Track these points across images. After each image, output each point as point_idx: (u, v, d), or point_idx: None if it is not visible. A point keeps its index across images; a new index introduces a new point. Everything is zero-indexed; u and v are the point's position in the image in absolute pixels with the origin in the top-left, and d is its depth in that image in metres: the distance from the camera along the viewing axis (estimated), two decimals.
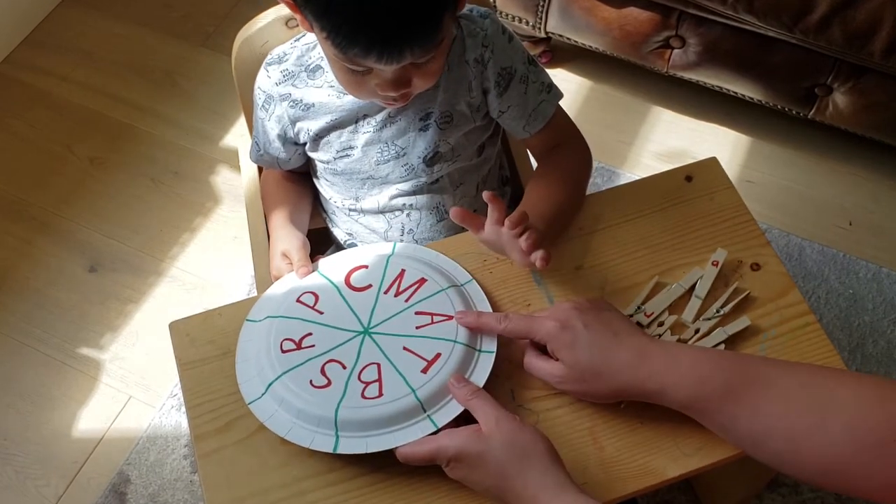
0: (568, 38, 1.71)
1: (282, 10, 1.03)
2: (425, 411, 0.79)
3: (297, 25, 1.03)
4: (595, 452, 0.81)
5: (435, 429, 0.78)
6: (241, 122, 1.72)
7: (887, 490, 0.67)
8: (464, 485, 0.76)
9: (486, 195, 0.83)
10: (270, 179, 1.09)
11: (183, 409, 1.33)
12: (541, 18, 1.68)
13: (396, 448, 0.77)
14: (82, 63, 1.89)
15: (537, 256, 0.82)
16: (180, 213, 1.67)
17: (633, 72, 1.78)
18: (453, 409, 0.79)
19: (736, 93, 1.65)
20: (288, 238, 0.97)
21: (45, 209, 1.68)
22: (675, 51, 1.61)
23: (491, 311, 0.87)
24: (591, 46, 1.70)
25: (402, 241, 1.04)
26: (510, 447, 0.73)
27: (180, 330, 0.89)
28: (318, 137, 0.99)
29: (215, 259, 1.61)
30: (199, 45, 1.92)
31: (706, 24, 1.54)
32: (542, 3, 1.65)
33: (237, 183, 1.68)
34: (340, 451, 0.78)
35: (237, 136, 1.75)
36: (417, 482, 0.79)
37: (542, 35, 1.73)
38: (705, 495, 1.29)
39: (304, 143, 1.01)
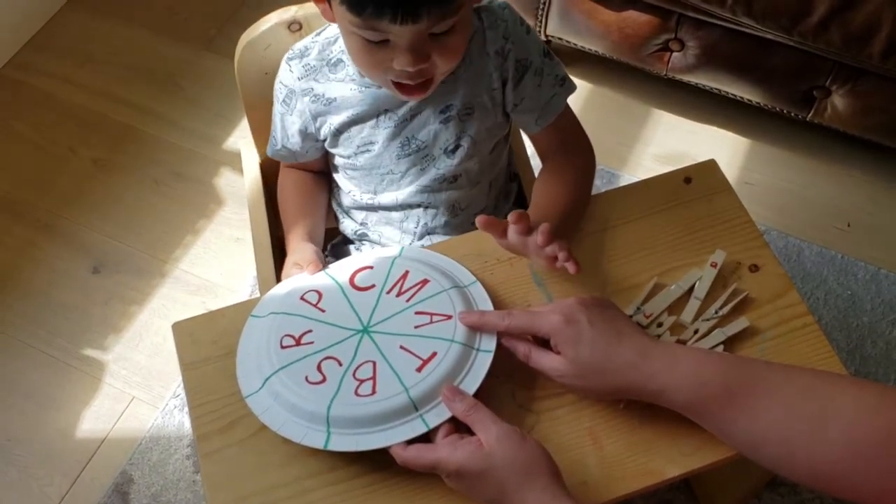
0: (568, 41, 1.71)
1: (284, 14, 1.04)
2: (417, 410, 0.79)
3: (300, 29, 1.04)
4: (595, 452, 0.81)
5: (426, 429, 0.78)
6: (244, 125, 1.73)
7: (881, 497, 0.67)
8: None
9: (511, 215, 0.84)
10: (289, 186, 1.08)
11: (185, 409, 1.34)
12: (540, 21, 1.69)
13: (397, 452, 0.77)
14: (86, 65, 1.90)
15: (568, 264, 0.83)
16: (183, 215, 1.67)
17: (632, 75, 1.78)
18: (446, 411, 0.79)
19: (735, 95, 1.66)
20: (302, 252, 0.97)
21: (48, 211, 1.68)
22: (675, 54, 1.62)
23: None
24: (590, 49, 1.70)
25: (415, 231, 1.04)
26: (511, 465, 0.73)
27: (183, 330, 0.90)
28: (339, 133, 0.99)
29: (218, 260, 1.62)
30: (202, 48, 1.93)
31: (705, 26, 1.54)
32: (541, 6, 1.66)
33: (240, 185, 1.69)
34: (331, 447, 0.78)
35: (240, 139, 1.75)
36: (417, 482, 0.79)
37: (542, 38, 1.74)
38: (704, 495, 1.30)
39: (325, 139, 1.01)
